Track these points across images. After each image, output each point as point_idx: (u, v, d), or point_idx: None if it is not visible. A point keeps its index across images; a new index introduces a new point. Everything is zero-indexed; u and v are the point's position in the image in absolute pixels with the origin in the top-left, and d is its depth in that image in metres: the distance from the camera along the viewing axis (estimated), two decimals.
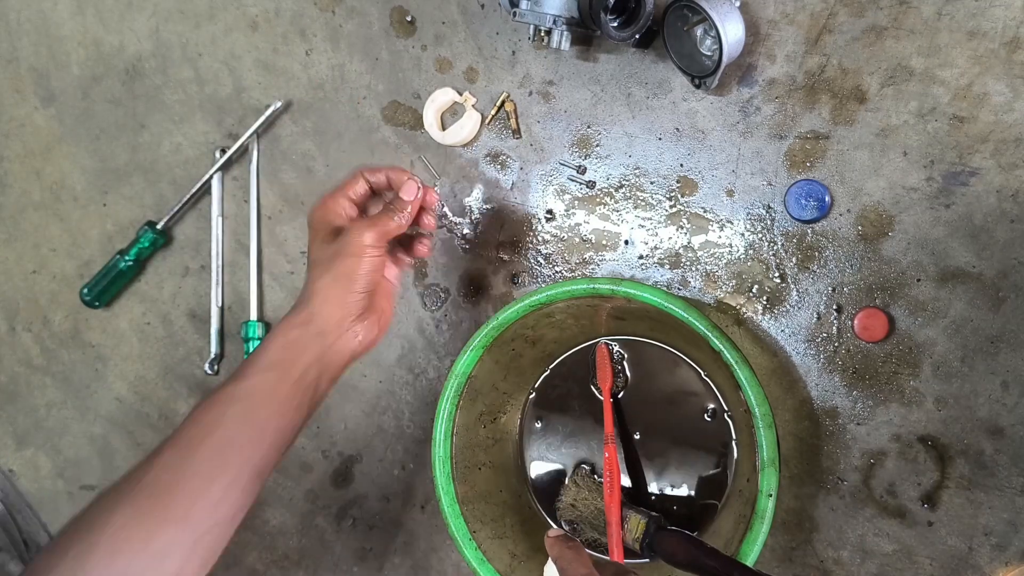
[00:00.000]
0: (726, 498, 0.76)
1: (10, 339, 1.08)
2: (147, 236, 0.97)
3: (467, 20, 0.85)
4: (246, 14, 0.94)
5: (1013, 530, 0.70)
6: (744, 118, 0.76)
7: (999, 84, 0.68)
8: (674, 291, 0.80)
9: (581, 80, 0.82)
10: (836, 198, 0.74)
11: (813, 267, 0.75)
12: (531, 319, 0.76)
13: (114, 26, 1.00)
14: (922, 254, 0.72)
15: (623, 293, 0.70)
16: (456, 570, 0.90)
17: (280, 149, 0.94)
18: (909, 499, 0.73)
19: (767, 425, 0.65)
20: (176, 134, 0.98)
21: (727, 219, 0.78)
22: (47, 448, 1.07)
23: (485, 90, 0.85)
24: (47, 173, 1.05)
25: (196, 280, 0.99)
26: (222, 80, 0.96)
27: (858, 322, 0.73)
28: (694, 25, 0.72)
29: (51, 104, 1.04)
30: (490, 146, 0.86)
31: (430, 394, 0.90)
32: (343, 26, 0.90)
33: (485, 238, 0.87)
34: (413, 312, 0.90)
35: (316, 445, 0.95)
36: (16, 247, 1.07)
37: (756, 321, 0.78)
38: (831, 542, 0.76)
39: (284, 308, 0.95)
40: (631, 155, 0.81)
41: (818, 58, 0.73)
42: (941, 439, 0.72)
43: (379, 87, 0.89)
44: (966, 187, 0.70)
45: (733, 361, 0.66)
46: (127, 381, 1.03)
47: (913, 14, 0.70)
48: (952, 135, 0.70)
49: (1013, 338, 0.70)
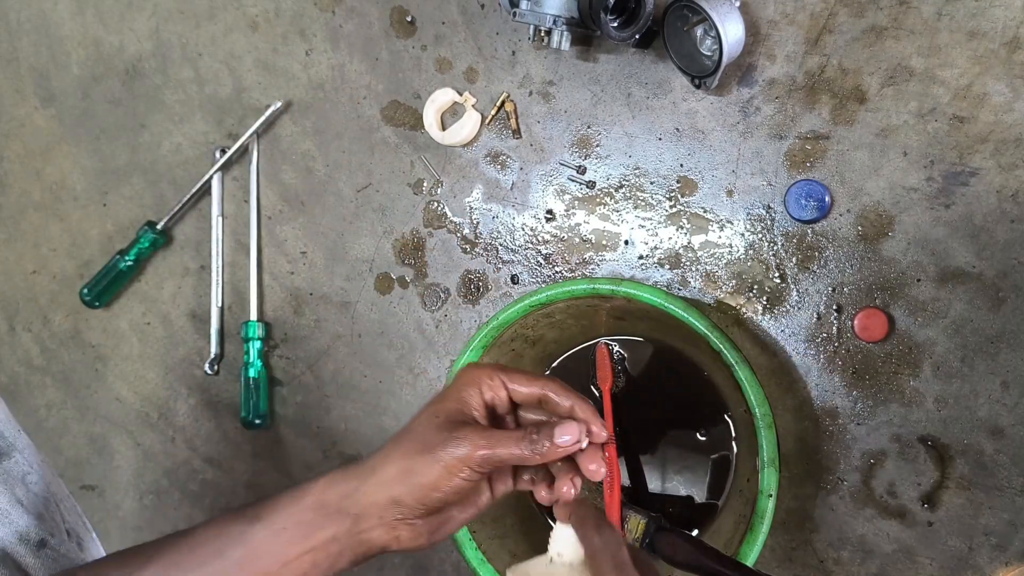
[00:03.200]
0: (726, 498, 0.76)
1: (10, 339, 1.08)
2: (147, 236, 0.97)
3: (467, 20, 0.85)
4: (246, 14, 0.94)
5: (1013, 530, 0.70)
6: (744, 118, 0.76)
7: (999, 84, 0.68)
8: (674, 291, 0.80)
9: (581, 80, 0.82)
10: (836, 198, 0.74)
11: (813, 267, 0.75)
12: (531, 319, 0.76)
13: (114, 26, 1.00)
14: (922, 254, 0.72)
15: (623, 293, 0.70)
16: (456, 570, 0.90)
17: (280, 149, 0.94)
18: (909, 499, 0.73)
19: (767, 425, 0.65)
20: (176, 134, 0.98)
21: (727, 219, 0.78)
22: (47, 448, 1.07)
23: (485, 90, 0.85)
24: (47, 173, 1.05)
25: (196, 280, 0.99)
26: (222, 80, 0.96)
27: (858, 322, 0.73)
28: (694, 25, 0.72)
29: (51, 104, 1.04)
30: (490, 146, 0.86)
31: (430, 394, 0.90)
32: (343, 26, 0.90)
33: (485, 238, 0.87)
34: (413, 312, 0.90)
35: (316, 445, 0.95)
36: (16, 247, 1.07)
37: (756, 321, 0.77)
38: (831, 542, 0.76)
39: (284, 308, 0.95)
40: (631, 155, 0.81)
41: (818, 58, 0.73)
42: (941, 439, 0.72)
43: (379, 87, 0.89)
44: (966, 187, 0.70)
45: (733, 361, 0.66)
46: (127, 381, 1.03)
47: (913, 14, 0.70)
48: (952, 135, 0.70)
49: (1013, 338, 0.70)
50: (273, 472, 0.97)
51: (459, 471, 0.49)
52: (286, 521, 0.51)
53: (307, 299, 0.94)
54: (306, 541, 0.51)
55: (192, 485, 1.00)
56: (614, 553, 0.45)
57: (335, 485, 0.52)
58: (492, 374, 0.53)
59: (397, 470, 0.50)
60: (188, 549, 0.51)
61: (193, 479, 1.00)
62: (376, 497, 0.51)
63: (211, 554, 0.51)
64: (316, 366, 0.94)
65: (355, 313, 0.92)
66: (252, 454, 0.97)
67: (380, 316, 0.91)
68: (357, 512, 0.51)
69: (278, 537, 0.51)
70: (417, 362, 0.90)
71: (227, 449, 0.99)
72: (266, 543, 0.51)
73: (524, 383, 0.52)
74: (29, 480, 0.54)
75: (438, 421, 0.51)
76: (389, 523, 0.51)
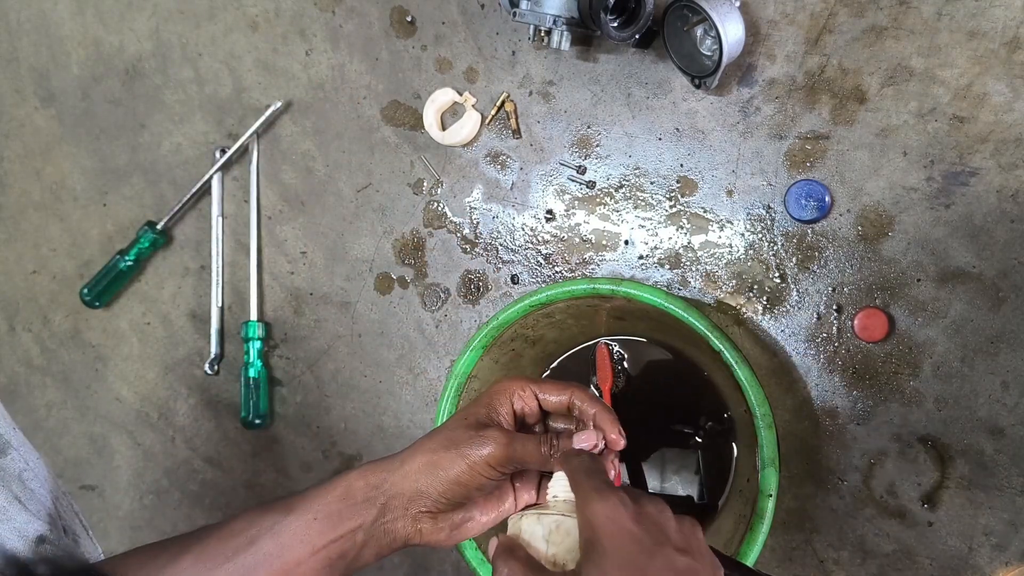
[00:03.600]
0: (726, 498, 0.76)
1: (10, 339, 1.08)
2: (147, 236, 0.97)
3: (467, 20, 0.85)
4: (246, 14, 0.94)
5: (1013, 530, 0.70)
6: (744, 118, 0.76)
7: (999, 84, 0.68)
8: (674, 291, 0.80)
9: (581, 80, 0.82)
10: (836, 198, 0.74)
11: (813, 267, 0.75)
12: (531, 319, 0.76)
13: (114, 26, 1.00)
14: (922, 254, 0.72)
15: (623, 293, 0.70)
16: (456, 570, 0.90)
17: (280, 149, 0.94)
18: (909, 499, 0.73)
19: (767, 425, 0.65)
20: (176, 134, 0.98)
21: (727, 219, 0.78)
22: (47, 448, 1.07)
23: (485, 90, 0.85)
24: (47, 173, 1.05)
25: (196, 280, 0.99)
26: (222, 80, 0.96)
27: (858, 322, 0.73)
28: (694, 25, 0.72)
29: (51, 104, 1.04)
30: (490, 146, 0.86)
31: (430, 394, 0.90)
32: (343, 26, 0.90)
33: (485, 238, 0.87)
34: (413, 312, 0.90)
35: (316, 445, 0.95)
36: (16, 247, 1.07)
37: (756, 321, 0.78)
38: (831, 542, 0.76)
39: (284, 308, 0.95)
40: (631, 155, 0.81)
41: (818, 58, 0.73)
42: (941, 439, 0.72)
43: (379, 87, 0.89)
44: (966, 187, 0.70)
45: (733, 361, 0.66)
46: (127, 381, 1.03)
47: (913, 14, 0.70)
48: (952, 135, 0.70)
49: (1013, 338, 0.70)
50: (273, 472, 0.97)
51: (482, 469, 0.52)
52: (317, 512, 0.53)
53: (307, 299, 0.94)
54: (334, 530, 0.53)
55: (192, 485, 1.00)
56: (587, 465, 0.48)
57: (365, 476, 0.54)
58: (524, 385, 0.55)
59: (423, 463, 0.53)
60: (222, 540, 0.53)
61: (193, 479, 1.00)
62: (402, 487, 0.53)
63: (244, 544, 0.52)
64: (316, 366, 0.94)
65: (355, 313, 0.92)
66: (252, 454, 0.97)
67: (380, 316, 0.91)
68: (383, 502, 0.53)
69: (309, 527, 0.53)
70: (417, 362, 0.90)
71: (227, 449, 0.99)
72: (299, 533, 0.53)
73: (554, 392, 0.55)
74: (25, 477, 0.54)
75: (467, 423, 0.54)
76: (413, 515, 0.54)
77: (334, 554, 0.53)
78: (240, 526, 0.53)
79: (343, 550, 0.53)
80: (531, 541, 0.48)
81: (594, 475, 0.47)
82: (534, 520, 0.49)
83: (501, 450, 0.52)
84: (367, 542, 0.54)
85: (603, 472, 0.48)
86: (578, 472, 0.48)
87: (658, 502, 0.46)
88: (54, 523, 0.56)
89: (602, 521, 0.43)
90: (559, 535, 0.47)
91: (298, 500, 0.54)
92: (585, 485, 0.46)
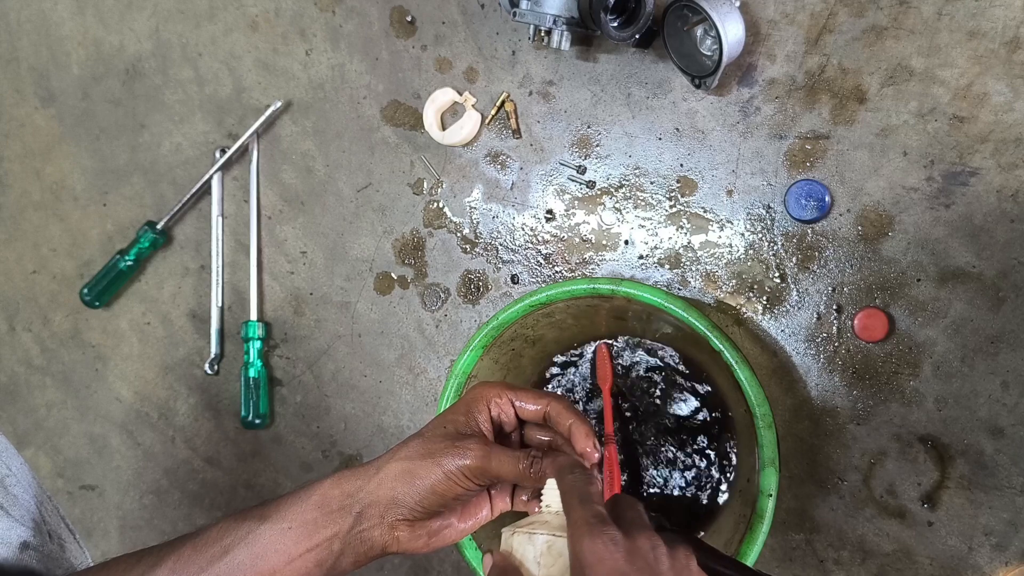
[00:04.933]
0: (726, 498, 0.76)
1: (10, 339, 1.08)
2: (147, 236, 0.97)
3: (467, 20, 0.85)
4: (246, 14, 0.94)
5: (1013, 530, 0.70)
6: (744, 118, 0.76)
7: (999, 84, 0.68)
8: (674, 291, 0.80)
9: (581, 80, 0.82)
10: (836, 198, 0.74)
11: (813, 267, 0.75)
12: (531, 319, 0.76)
13: (114, 26, 1.00)
14: (922, 254, 0.72)
15: (623, 293, 0.70)
16: (456, 570, 0.90)
17: (280, 149, 0.94)
18: (909, 499, 0.73)
19: (767, 425, 0.65)
20: (176, 134, 0.98)
21: (727, 219, 0.78)
22: (47, 448, 1.07)
23: (485, 90, 0.85)
24: (47, 173, 1.05)
25: (196, 280, 0.99)
26: (222, 80, 0.96)
27: (858, 322, 0.73)
28: (694, 25, 0.72)
29: (51, 104, 1.04)
30: (490, 146, 0.86)
31: (430, 394, 0.90)
32: (343, 26, 0.90)
33: (485, 238, 0.87)
34: (413, 312, 0.90)
35: (316, 445, 0.95)
36: (16, 247, 1.07)
37: (756, 321, 0.78)
38: (831, 542, 0.76)
39: (284, 308, 0.95)
40: (631, 155, 0.81)
41: (818, 58, 0.73)
42: (941, 439, 0.72)
43: (379, 87, 0.89)
44: (966, 187, 0.70)
45: (733, 361, 0.66)
46: (127, 381, 1.03)
47: (913, 14, 0.70)
48: (952, 135, 0.70)
49: (1013, 338, 0.70)
50: (273, 472, 0.97)
51: (458, 479, 0.51)
52: (292, 520, 0.52)
53: (307, 299, 0.94)
54: (310, 539, 0.52)
55: (192, 485, 1.00)
56: (580, 489, 0.47)
57: (340, 484, 0.53)
58: (501, 392, 0.54)
59: (399, 470, 0.52)
60: (196, 550, 0.52)
61: (193, 479, 1.00)
62: (377, 495, 0.52)
63: (219, 553, 0.51)
64: (316, 366, 0.94)
65: (355, 313, 0.92)
66: (252, 454, 0.97)
67: (380, 316, 0.91)
68: (359, 510, 0.52)
69: (284, 536, 0.52)
70: (417, 362, 0.90)
71: (227, 449, 0.99)
72: (273, 542, 0.52)
73: (530, 400, 0.54)
74: (8, 483, 0.54)
75: (445, 431, 0.53)
76: (389, 523, 0.52)
77: (310, 563, 0.52)
78: (215, 535, 0.52)
79: (319, 559, 0.52)
80: (523, 561, 0.48)
81: (587, 503, 0.46)
82: (525, 539, 0.48)
83: (478, 463, 0.51)
84: (344, 551, 0.53)
85: (597, 497, 0.47)
86: (571, 495, 0.47)
87: (651, 535, 0.45)
88: (39, 528, 0.56)
89: (591, 561, 0.42)
90: (550, 557, 0.47)
91: (272, 508, 0.53)
92: (576, 515, 0.45)
